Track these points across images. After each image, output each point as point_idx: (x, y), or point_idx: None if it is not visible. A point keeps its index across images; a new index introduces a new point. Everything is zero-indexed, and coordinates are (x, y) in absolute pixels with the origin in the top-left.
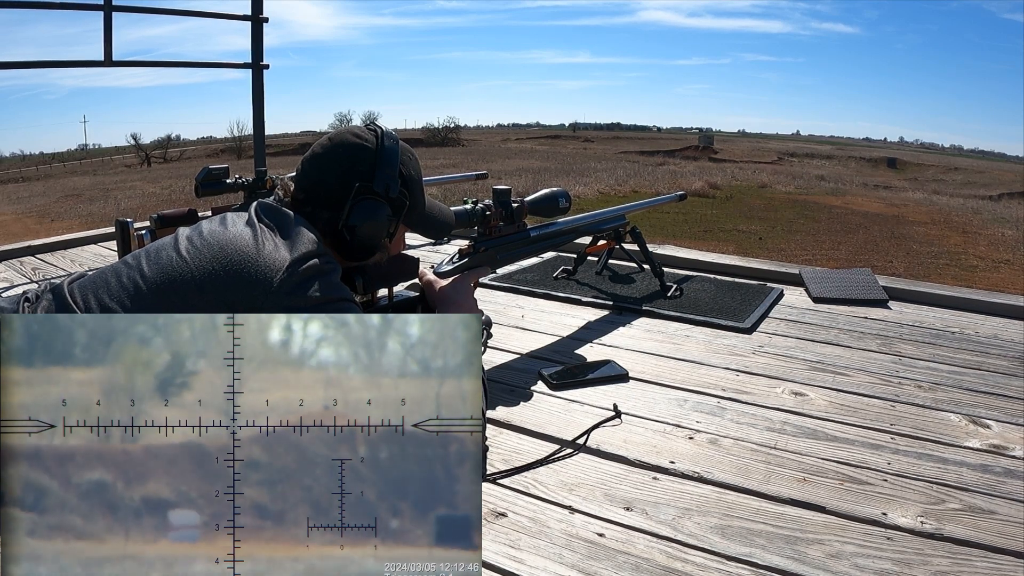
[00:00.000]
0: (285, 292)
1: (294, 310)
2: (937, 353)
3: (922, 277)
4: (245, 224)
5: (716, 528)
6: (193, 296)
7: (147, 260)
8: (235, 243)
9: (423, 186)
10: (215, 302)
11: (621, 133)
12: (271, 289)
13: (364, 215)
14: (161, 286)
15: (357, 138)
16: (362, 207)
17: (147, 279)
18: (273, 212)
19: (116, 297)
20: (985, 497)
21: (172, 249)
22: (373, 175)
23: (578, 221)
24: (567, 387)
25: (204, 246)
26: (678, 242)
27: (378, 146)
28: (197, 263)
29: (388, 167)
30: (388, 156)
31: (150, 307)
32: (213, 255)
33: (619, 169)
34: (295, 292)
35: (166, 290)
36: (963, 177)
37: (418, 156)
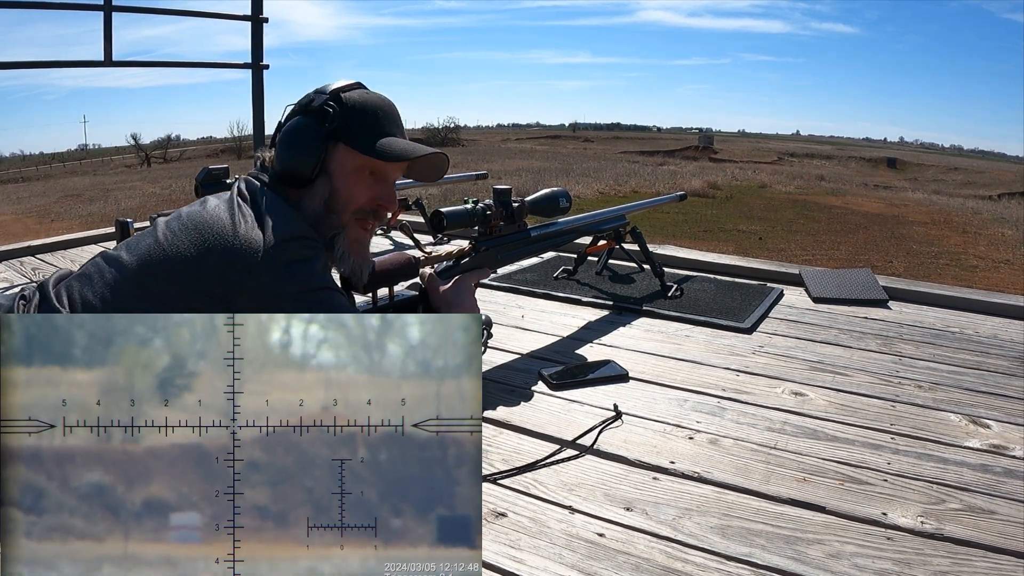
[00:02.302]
0: (267, 274)
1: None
2: (937, 353)
3: (922, 277)
4: (224, 203)
5: (716, 528)
6: (169, 281)
7: (127, 250)
8: (211, 224)
9: (383, 122)
10: (192, 287)
11: (621, 133)
12: (251, 269)
13: (288, 129)
14: (139, 274)
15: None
16: (288, 124)
17: (126, 269)
18: (252, 189)
19: (98, 292)
20: (985, 497)
21: (151, 236)
22: (301, 102)
23: (578, 221)
24: (567, 387)
25: (181, 229)
26: (678, 242)
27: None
28: (174, 248)
29: (324, 92)
30: (330, 86)
31: (129, 297)
32: (190, 238)
33: (619, 169)
34: (277, 277)
35: (144, 278)
36: (963, 177)
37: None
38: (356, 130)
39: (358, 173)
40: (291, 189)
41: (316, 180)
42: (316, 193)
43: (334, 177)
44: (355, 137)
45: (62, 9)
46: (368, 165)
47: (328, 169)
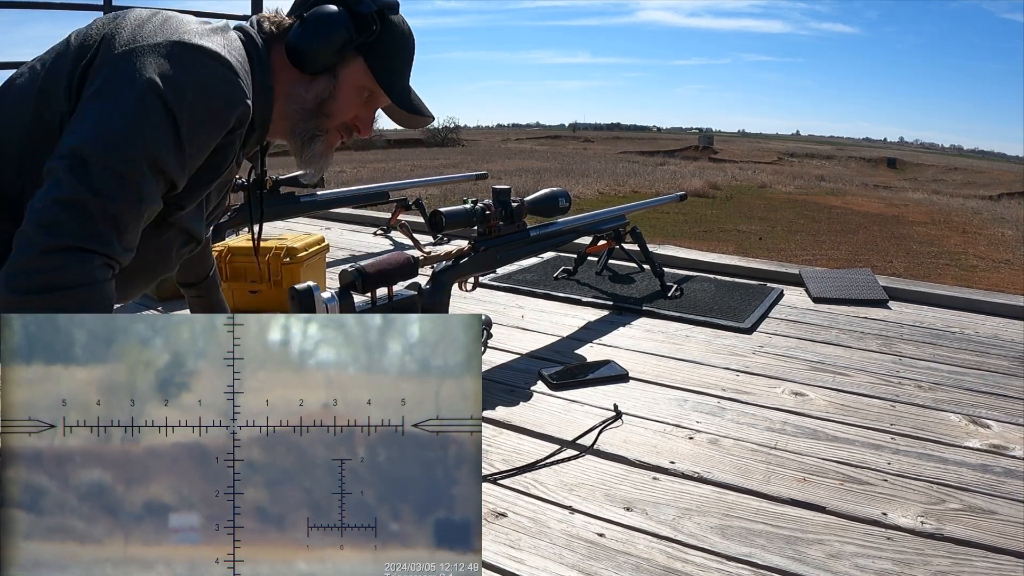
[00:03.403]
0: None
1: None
2: (937, 353)
3: (922, 277)
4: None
5: (716, 528)
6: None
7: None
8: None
9: (408, 61)
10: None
11: (621, 133)
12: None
13: (326, 15)
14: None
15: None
16: (328, 9)
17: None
18: (251, 35)
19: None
20: (985, 497)
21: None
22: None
23: (578, 221)
24: (567, 387)
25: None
26: (678, 242)
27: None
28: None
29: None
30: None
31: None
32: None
33: (619, 169)
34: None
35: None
36: (963, 177)
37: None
38: (385, 58)
39: (359, 91)
40: (293, 67)
41: (319, 75)
42: (314, 87)
43: (339, 85)
44: (380, 64)
45: (62, 9)
46: (372, 89)
47: (337, 73)
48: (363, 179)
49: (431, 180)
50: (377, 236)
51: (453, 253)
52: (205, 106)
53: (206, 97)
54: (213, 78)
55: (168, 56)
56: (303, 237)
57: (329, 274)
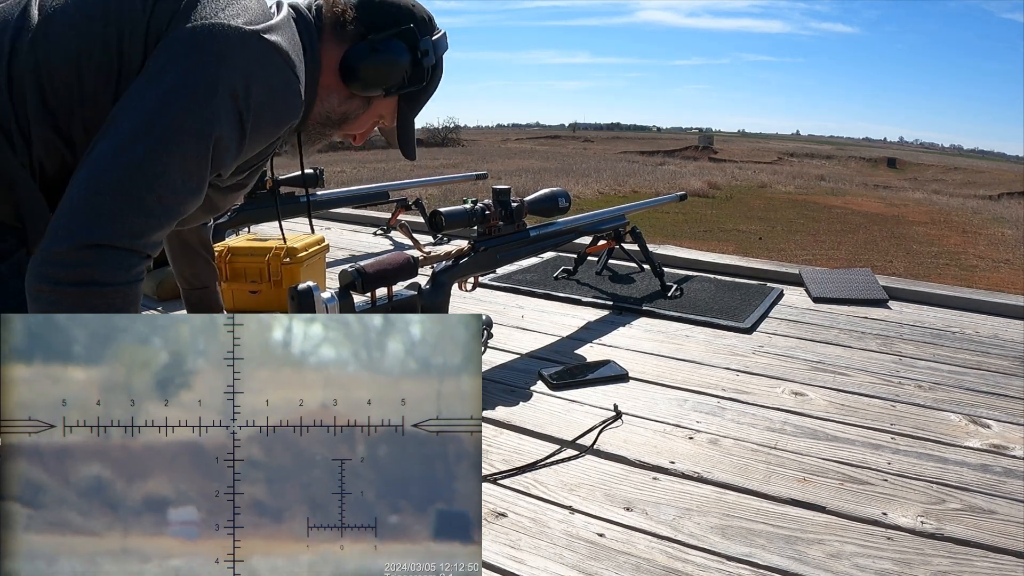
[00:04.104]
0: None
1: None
2: (937, 353)
3: (922, 277)
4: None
5: (716, 528)
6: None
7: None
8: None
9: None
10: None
11: (621, 133)
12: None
13: (392, 50)
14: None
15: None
16: (396, 46)
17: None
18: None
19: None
20: (985, 497)
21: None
22: (420, 36)
23: (578, 221)
24: (567, 387)
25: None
26: (678, 242)
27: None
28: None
29: (434, 51)
30: (439, 46)
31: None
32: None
33: (619, 169)
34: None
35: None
36: (963, 177)
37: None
38: (417, 103)
39: (379, 119)
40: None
41: (356, 96)
42: (346, 104)
43: (368, 111)
44: (409, 107)
45: None
46: (390, 119)
47: (371, 102)
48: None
49: (431, 180)
50: (377, 236)
51: (453, 253)
52: (271, 109)
53: (273, 101)
54: (281, 81)
55: (243, 46)
56: (303, 237)
57: (329, 274)
